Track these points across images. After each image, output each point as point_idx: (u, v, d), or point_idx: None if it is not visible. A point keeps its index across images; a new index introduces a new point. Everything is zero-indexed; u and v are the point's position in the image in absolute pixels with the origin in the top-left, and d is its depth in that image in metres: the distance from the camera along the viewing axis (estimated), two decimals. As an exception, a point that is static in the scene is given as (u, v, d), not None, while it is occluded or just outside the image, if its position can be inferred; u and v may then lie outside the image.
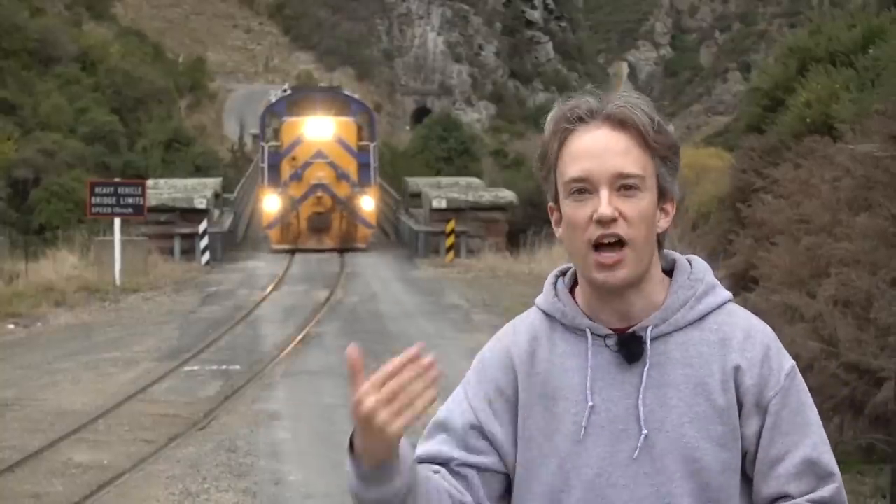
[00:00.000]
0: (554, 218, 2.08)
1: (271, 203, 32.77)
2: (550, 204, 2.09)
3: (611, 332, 2.04)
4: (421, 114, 68.64)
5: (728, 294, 2.11)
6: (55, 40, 43.43)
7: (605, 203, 1.95)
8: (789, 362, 2.06)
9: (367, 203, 33.09)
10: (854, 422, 8.82)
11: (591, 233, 1.97)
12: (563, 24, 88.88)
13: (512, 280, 26.35)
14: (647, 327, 2.03)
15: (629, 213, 1.96)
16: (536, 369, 2.10)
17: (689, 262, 2.13)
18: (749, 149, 15.36)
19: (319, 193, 32.36)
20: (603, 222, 1.95)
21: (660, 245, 2.08)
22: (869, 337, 8.71)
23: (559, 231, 2.06)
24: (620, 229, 1.96)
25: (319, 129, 33.11)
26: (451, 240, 31.01)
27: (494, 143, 64.07)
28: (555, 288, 2.16)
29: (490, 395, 2.15)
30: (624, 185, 1.97)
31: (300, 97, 36.73)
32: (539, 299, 2.18)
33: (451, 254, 30.79)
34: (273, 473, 10.32)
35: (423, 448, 2.13)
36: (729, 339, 2.03)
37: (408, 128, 68.21)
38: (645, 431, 2.00)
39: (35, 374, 14.64)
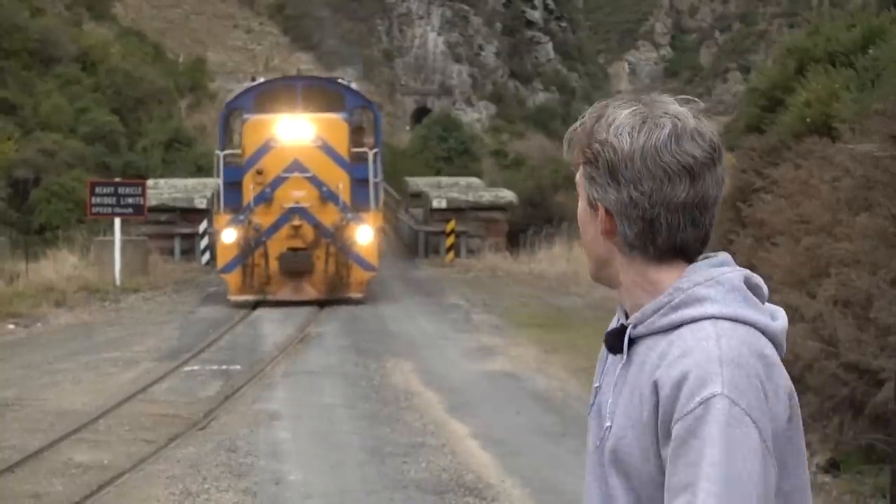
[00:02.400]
0: None
1: (228, 236, 21.86)
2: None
3: (619, 325, 2.17)
4: (421, 114, 68.64)
5: (710, 311, 2.02)
6: (55, 40, 43.42)
7: None
8: (711, 391, 1.92)
9: (365, 234, 21.81)
10: (854, 422, 8.83)
11: None
12: (563, 24, 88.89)
13: (512, 280, 26.34)
14: (629, 325, 2.12)
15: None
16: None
17: (697, 270, 2.10)
18: (749, 149, 15.36)
19: (296, 222, 21.84)
20: None
21: (652, 251, 2.09)
22: (869, 337, 8.71)
23: None
24: None
25: (296, 131, 22.15)
26: (451, 240, 31.01)
27: (494, 143, 64.05)
28: None
29: None
30: None
31: (275, 87, 24.97)
32: None
33: (451, 254, 30.78)
34: (273, 473, 10.32)
35: None
36: (667, 356, 2.01)
37: (408, 128, 68.22)
38: (608, 423, 2.10)
39: (35, 374, 14.64)
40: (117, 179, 27.96)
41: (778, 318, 2.11)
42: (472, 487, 9.75)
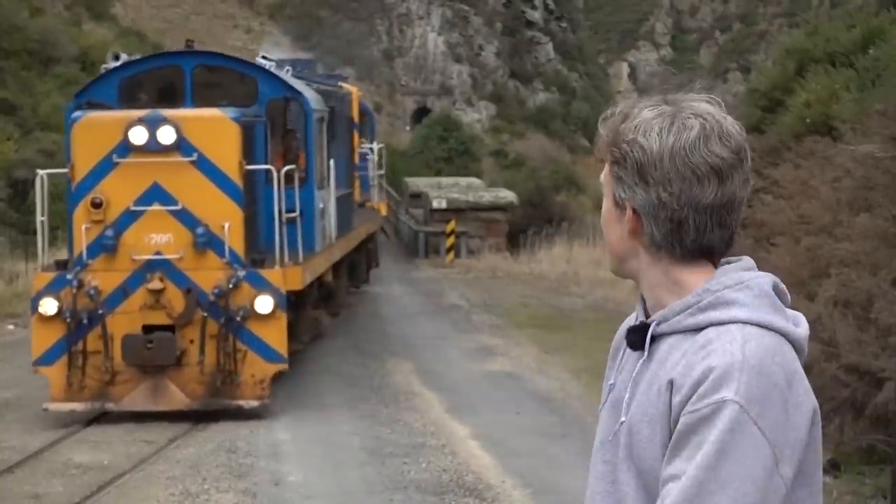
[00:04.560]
0: None
1: (48, 307, 13.16)
2: None
3: (641, 321, 2.17)
4: (421, 114, 68.66)
5: (738, 315, 2.02)
6: (55, 40, 43.40)
7: None
8: (724, 395, 1.92)
9: (264, 304, 13.00)
10: (855, 423, 8.82)
11: None
12: (564, 24, 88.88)
13: (512, 280, 26.34)
14: (652, 322, 2.12)
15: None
16: (621, 344, 2.24)
17: (727, 272, 2.11)
18: (749, 149, 15.35)
19: (155, 283, 13.06)
20: None
21: (669, 251, 2.10)
22: (869, 338, 8.70)
23: None
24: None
25: (156, 138, 13.21)
26: (451, 240, 31.00)
27: (494, 143, 64.04)
28: None
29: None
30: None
31: (152, 70, 15.44)
32: None
33: (451, 254, 30.78)
34: (273, 474, 10.32)
35: None
36: (692, 354, 2.02)
37: (408, 128, 68.23)
38: (623, 419, 2.10)
39: (35, 375, 14.63)
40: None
41: (800, 325, 2.11)
42: (472, 488, 9.75)
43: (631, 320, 2.24)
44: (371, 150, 24.36)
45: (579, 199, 41.59)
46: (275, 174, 13.34)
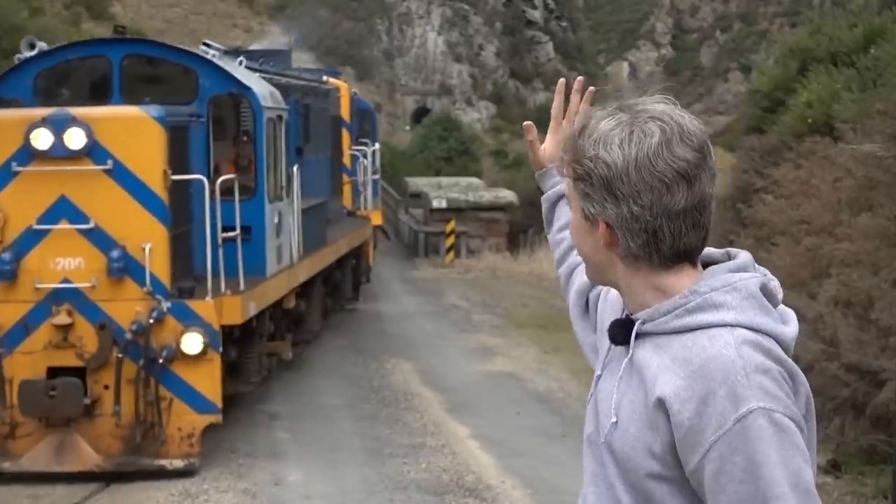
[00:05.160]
0: None
1: None
2: None
3: (622, 317, 2.17)
4: (421, 114, 68.64)
5: (726, 318, 2.01)
6: (54, 40, 43.41)
7: None
8: (747, 406, 1.93)
9: (193, 343, 10.54)
10: (855, 423, 8.81)
11: None
12: (564, 23, 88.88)
13: (512, 280, 26.33)
14: (637, 320, 2.11)
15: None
16: (604, 314, 2.31)
17: (715, 274, 2.09)
18: (750, 149, 15.34)
19: (62, 317, 10.55)
20: None
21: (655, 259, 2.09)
22: (870, 337, 8.69)
23: None
24: None
25: (61, 140, 10.59)
26: (451, 240, 30.98)
27: (494, 143, 64.03)
28: None
29: (597, 298, 2.44)
30: None
31: (73, 62, 12.73)
32: None
33: (451, 254, 30.76)
34: (273, 474, 10.30)
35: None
36: (682, 362, 2.00)
37: (408, 128, 68.22)
38: (614, 419, 2.09)
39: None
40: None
41: (789, 323, 2.10)
42: (472, 488, 9.74)
43: (613, 301, 2.27)
44: (363, 152, 21.67)
45: (579, 198, 41.51)
46: (206, 185, 10.93)
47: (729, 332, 2.00)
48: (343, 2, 78.95)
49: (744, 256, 2.14)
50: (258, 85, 12.70)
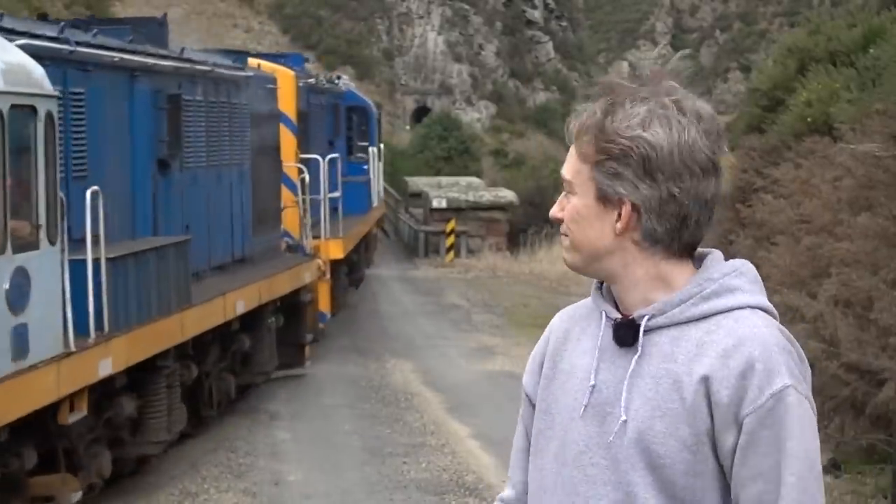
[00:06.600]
0: None
1: None
2: None
3: (620, 317, 2.12)
4: (421, 113, 68.62)
5: (745, 300, 2.06)
6: (55, 40, 43.40)
7: (555, 205, 2.18)
8: (781, 383, 1.98)
9: None
10: (855, 422, 8.81)
11: None
12: (564, 23, 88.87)
13: (512, 280, 26.33)
14: (644, 316, 2.09)
15: (565, 212, 2.15)
16: (565, 346, 2.21)
17: (717, 262, 2.13)
18: (749, 148, 15.33)
19: None
20: (552, 218, 2.18)
21: (668, 245, 2.09)
22: (870, 337, 8.69)
23: None
24: (564, 224, 2.16)
25: None
26: (451, 240, 31.00)
27: (494, 142, 64.02)
28: None
29: (536, 363, 2.31)
30: (566, 188, 2.15)
31: None
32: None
33: (451, 254, 30.77)
34: (273, 473, 10.31)
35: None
36: (712, 344, 2.02)
37: (408, 127, 68.20)
38: (623, 417, 2.06)
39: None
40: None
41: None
42: (472, 488, 9.74)
43: (575, 313, 2.25)
44: (313, 160, 16.31)
45: (579, 198, 41.49)
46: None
47: (752, 314, 2.05)
48: (343, 1, 78.91)
49: (716, 251, 2.17)
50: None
